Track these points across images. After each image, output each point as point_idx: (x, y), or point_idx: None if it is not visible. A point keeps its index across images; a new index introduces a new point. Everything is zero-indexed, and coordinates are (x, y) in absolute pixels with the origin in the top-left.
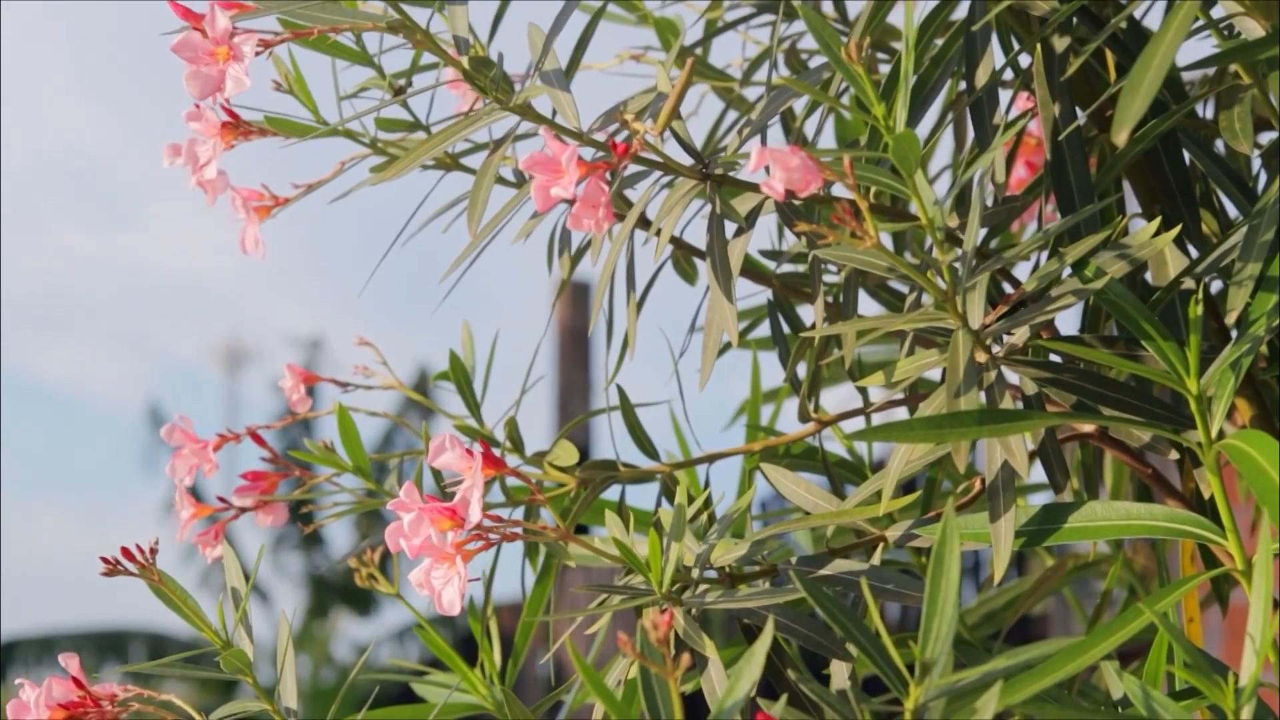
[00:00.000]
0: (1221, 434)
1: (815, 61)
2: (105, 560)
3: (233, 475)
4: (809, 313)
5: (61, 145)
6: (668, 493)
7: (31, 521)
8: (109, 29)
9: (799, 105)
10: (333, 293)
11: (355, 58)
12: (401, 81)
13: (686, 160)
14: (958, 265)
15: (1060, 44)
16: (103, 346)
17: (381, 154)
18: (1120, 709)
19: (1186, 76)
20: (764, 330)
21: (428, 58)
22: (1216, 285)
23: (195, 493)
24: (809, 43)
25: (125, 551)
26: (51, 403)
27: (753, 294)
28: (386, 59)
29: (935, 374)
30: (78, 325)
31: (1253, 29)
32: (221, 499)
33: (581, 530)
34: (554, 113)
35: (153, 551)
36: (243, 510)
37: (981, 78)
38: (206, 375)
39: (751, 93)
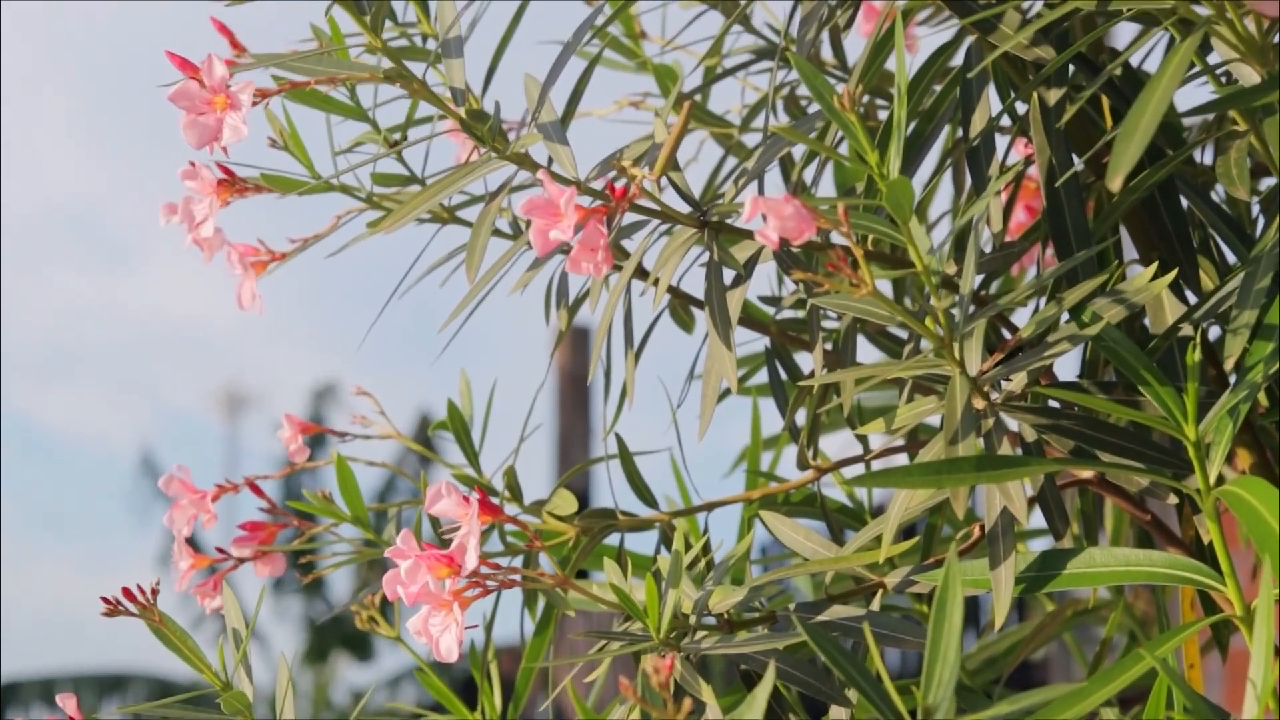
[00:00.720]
0: (1220, 480)
1: (814, 108)
2: (106, 601)
3: (232, 522)
4: (807, 360)
5: (62, 192)
6: (667, 540)
7: (31, 566)
8: (110, 78)
9: (798, 152)
10: (333, 338)
11: (349, 113)
12: (396, 135)
13: (684, 208)
14: (955, 312)
15: (1056, 91)
16: (103, 392)
17: (378, 208)
18: None
19: (1184, 122)
20: (763, 377)
21: (422, 110)
22: (1215, 331)
23: (193, 542)
24: (808, 90)
25: (126, 592)
26: (52, 448)
27: (750, 341)
28: (381, 113)
29: (935, 419)
30: (78, 371)
31: (1249, 75)
32: (220, 550)
33: (581, 575)
34: (550, 161)
35: (153, 593)
36: (241, 561)
37: (978, 125)
38: (207, 421)
39: (751, 139)
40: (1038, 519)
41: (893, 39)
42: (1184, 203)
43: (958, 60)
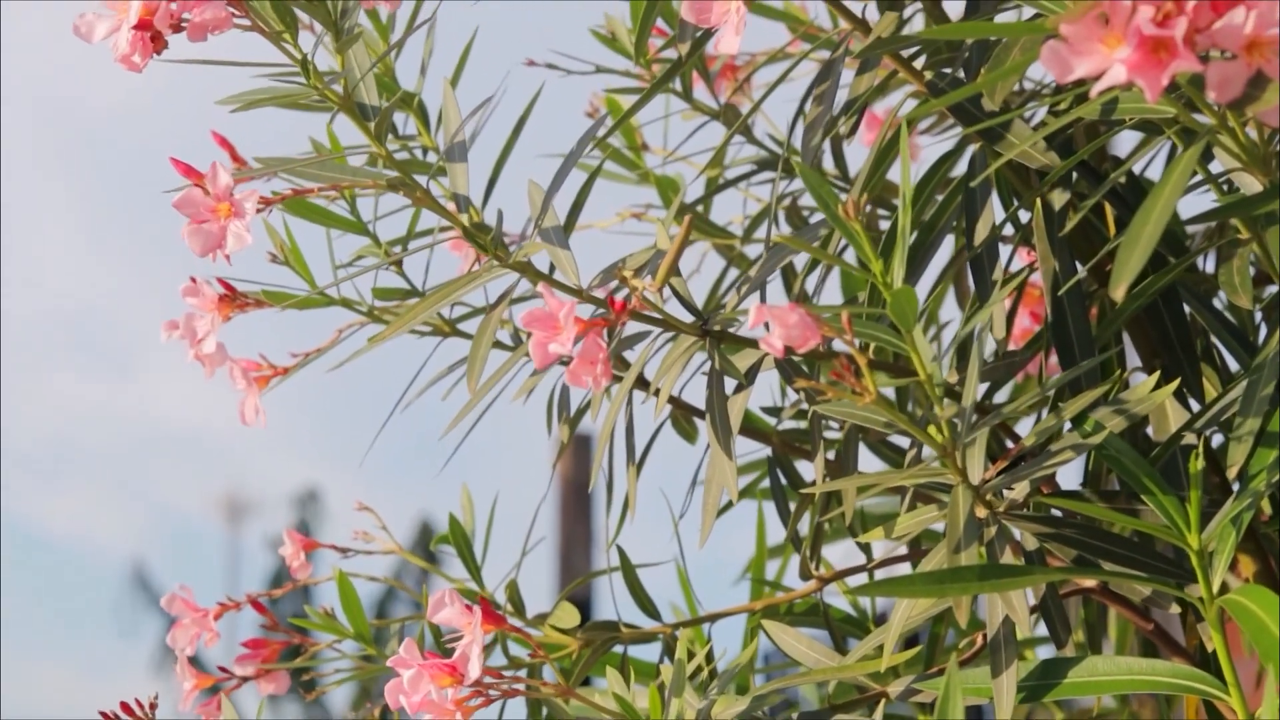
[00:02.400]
0: (1224, 588)
1: (816, 218)
2: (105, 715)
3: (234, 634)
4: (809, 469)
5: (63, 296)
6: (670, 650)
7: (31, 671)
8: (113, 184)
9: (800, 260)
10: (334, 446)
11: (350, 226)
12: (397, 249)
13: (686, 317)
14: (957, 421)
15: (1059, 199)
16: (104, 497)
17: (379, 321)
18: None
19: (1186, 229)
20: (766, 484)
21: (423, 223)
22: (1217, 438)
23: (195, 659)
24: (810, 199)
25: (125, 707)
26: (52, 552)
27: (753, 451)
28: (381, 226)
29: (937, 526)
30: (79, 476)
31: (1251, 184)
32: (223, 669)
33: (584, 682)
34: (552, 269)
35: (152, 706)
36: (244, 679)
37: (981, 233)
38: (207, 527)
39: (753, 250)
40: (1041, 627)
41: (895, 148)
42: (1186, 310)
43: (960, 169)
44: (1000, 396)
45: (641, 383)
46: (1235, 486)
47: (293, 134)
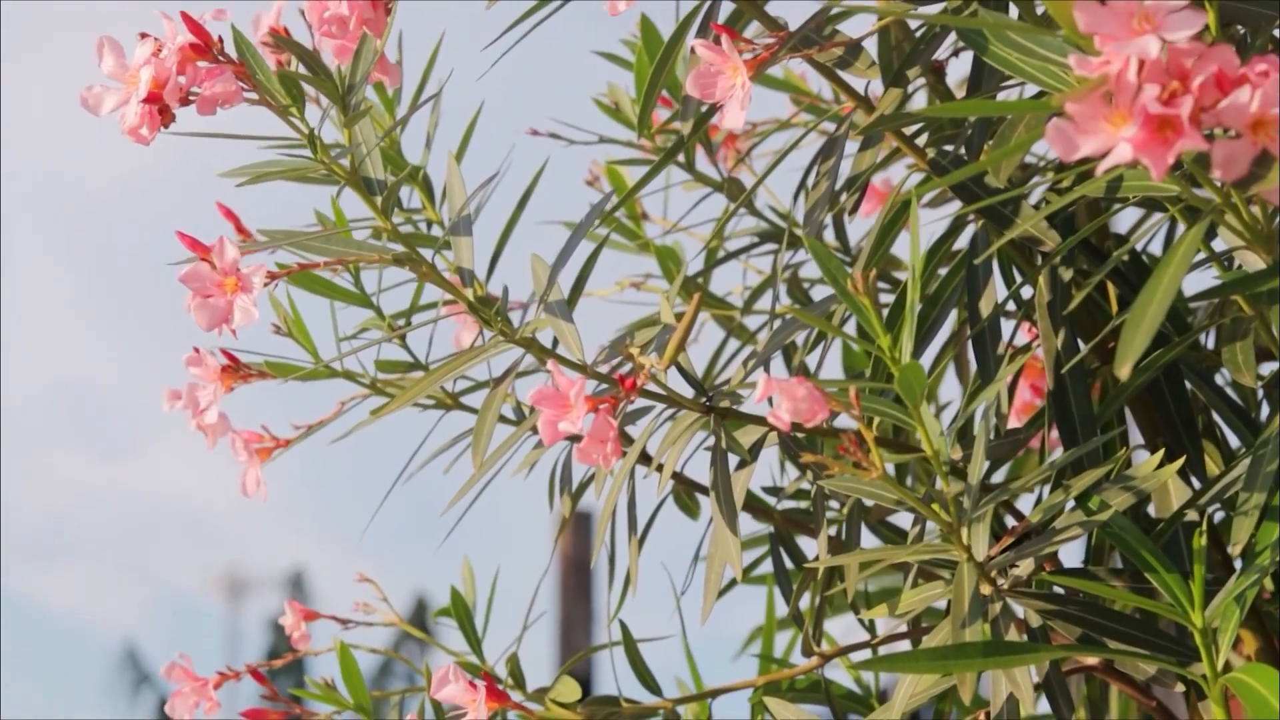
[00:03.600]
0: (1228, 666)
1: (817, 290)
2: None
3: (233, 708)
4: (811, 545)
5: (63, 374)
6: None
7: None
8: (114, 262)
9: (801, 336)
10: (333, 524)
11: (354, 299)
12: (401, 322)
13: (688, 390)
14: (963, 498)
15: (1062, 276)
16: (103, 575)
17: (381, 394)
18: None
19: (1190, 305)
20: (767, 566)
21: (426, 296)
22: (1219, 515)
23: None
24: (810, 270)
25: None
26: (52, 631)
27: (753, 530)
28: (385, 299)
29: (938, 604)
30: (79, 554)
31: (1254, 261)
32: None
33: None
34: (555, 343)
35: None
36: None
37: (984, 309)
38: (207, 605)
39: (753, 321)
40: (1044, 704)
41: (899, 222)
42: (1189, 386)
43: (961, 242)
44: (999, 472)
45: (644, 457)
46: (1238, 564)
47: (298, 205)
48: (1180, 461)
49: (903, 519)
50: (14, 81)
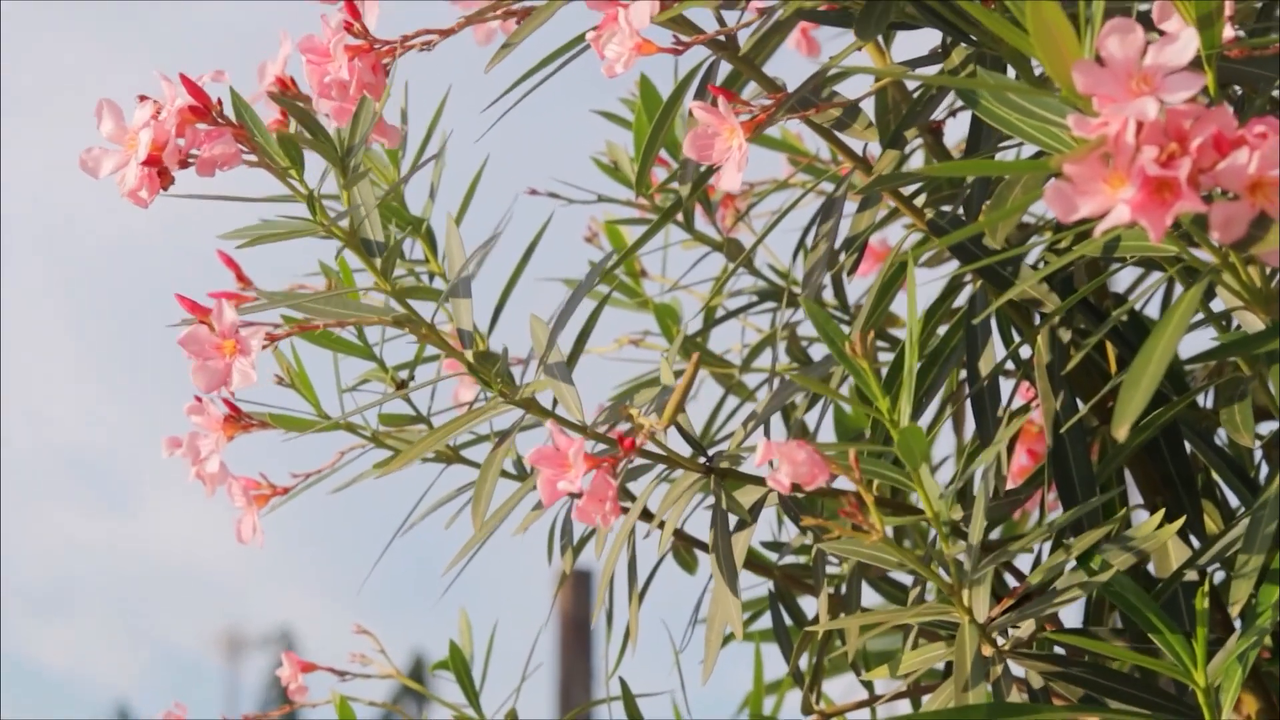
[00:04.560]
0: None
1: (816, 348)
2: None
3: None
4: (811, 603)
5: (63, 431)
6: None
7: None
8: (114, 316)
9: (799, 395)
10: (332, 580)
11: (357, 352)
12: (403, 375)
13: (688, 451)
14: (963, 559)
15: (1061, 336)
16: (102, 632)
17: (382, 446)
18: None
19: (1187, 367)
20: (766, 620)
21: (429, 349)
22: (1220, 575)
23: None
24: (809, 329)
25: None
26: (52, 688)
27: (755, 585)
28: (387, 349)
29: (937, 664)
30: (78, 610)
31: (1252, 322)
32: None
33: None
34: (555, 403)
35: None
36: None
37: (983, 369)
38: (205, 662)
39: (751, 378)
40: None
41: (897, 282)
42: (1188, 447)
43: (959, 301)
44: (995, 531)
45: (645, 514)
46: (1238, 623)
47: (303, 255)
48: (1180, 522)
49: (905, 574)
50: (16, 137)
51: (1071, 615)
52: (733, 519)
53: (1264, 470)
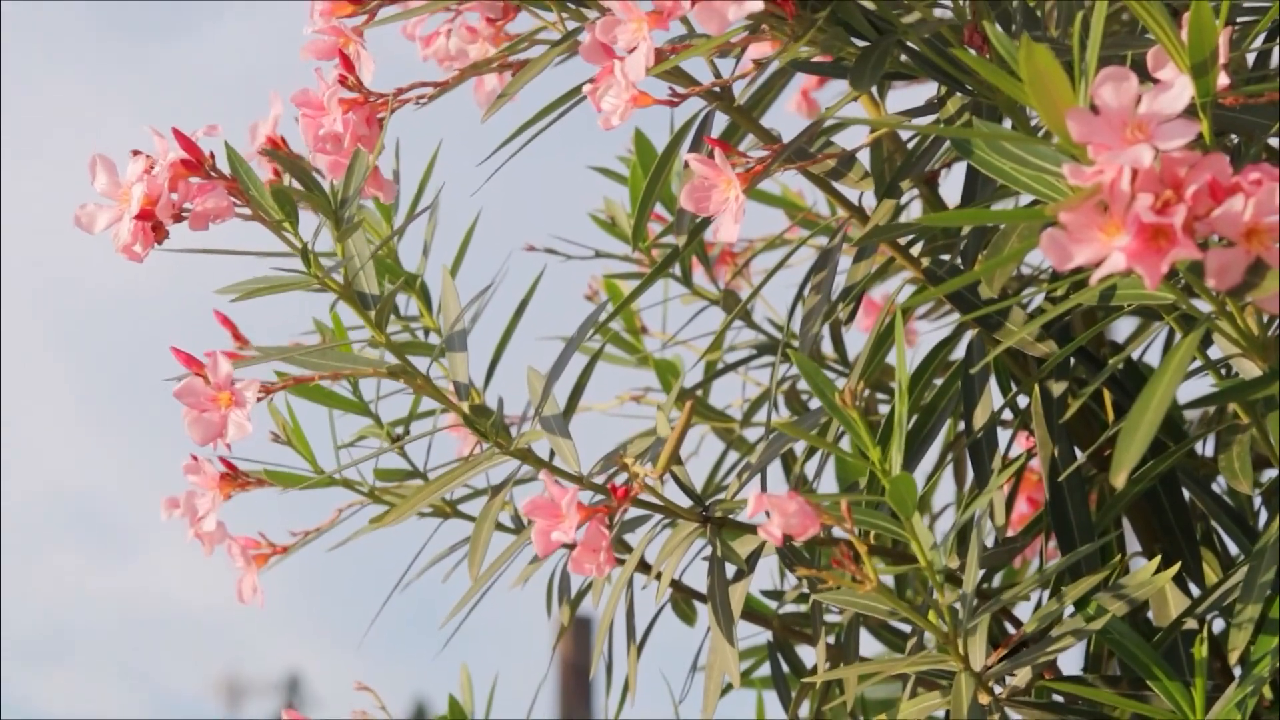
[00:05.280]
0: None
1: (815, 402)
2: None
3: None
4: (811, 653)
5: (62, 477)
6: None
7: None
8: (112, 365)
9: (799, 447)
10: (332, 627)
11: (352, 408)
12: (399, 430)
13: (686, 502)
14: (958, 606)
15: (1058, 384)
16: (103, 679)
17: (379, 502)
18: None
19: (1185, 415)
20: (766, 669)
21: (424, 404)
22: (1218, 623)
23: None
24: (810, 387)
25: None
26: None
27: (754, 635)
28: (383, 405)
29: (938, 713)
30: (78, 658)
31: (1250, 369)
32: None
33: None
34: (553, 455)
35: None
36: None
37: (980, 419)
38: (206, 709)
39: (752, 433)
40: None
41: (893, 334)
42: (1186, 495)
43: (959, 353)
44: (996, 579)
45: (643, 565)
46: (1237, 672)
47: (298, 310)
48: (1176, 567)
49: (905, 622)
50: (15, 181)
51: (1072, 663)
52: (731, 569)
53: (1263, 518)
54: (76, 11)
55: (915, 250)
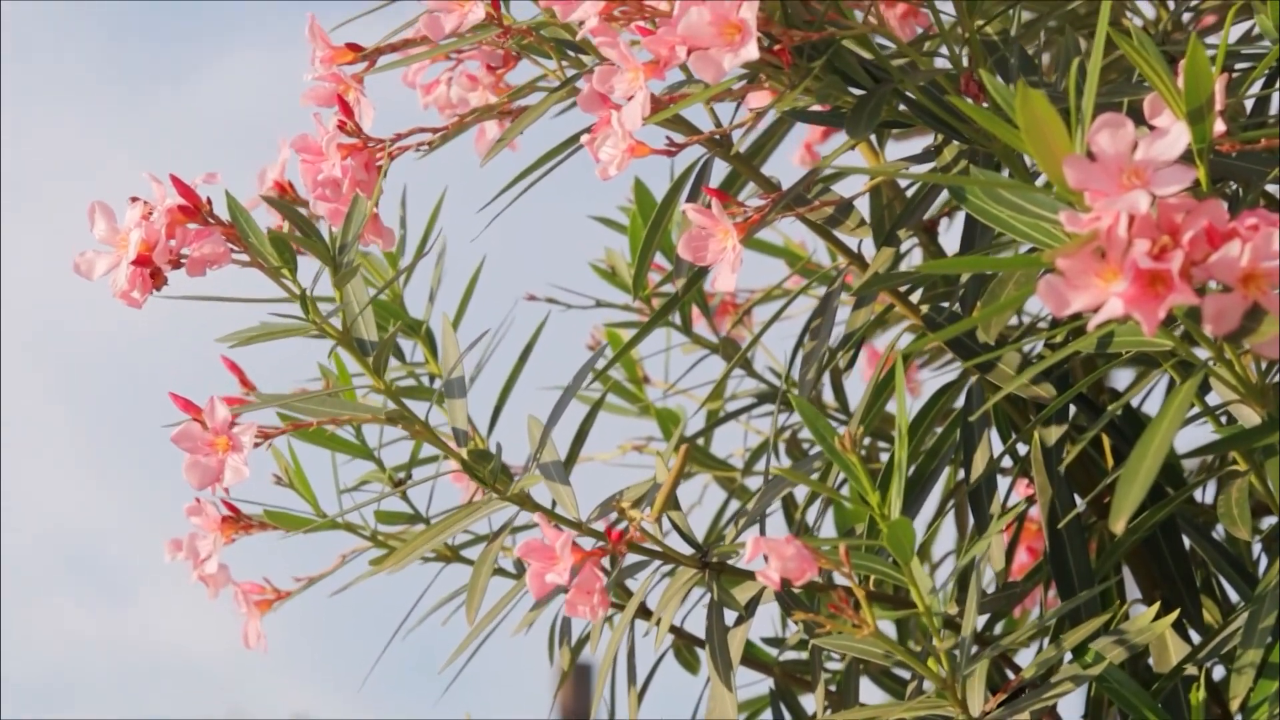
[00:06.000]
0: None
1: (816, 450)
2: None
3: None
4: (812, 701)
5: (62, 523)
6: None
7: None
8: (113, 409)
9: (800, 493)
10: (334, 671)
11: (355, 451)
12: (401, 474)
13: (686, 549)
14: (957, 652)
15: (1057, 431)
16: None
17: (382, 546)
18: None
19: (1185, 462)
20: (768, 716)
21: (427, 449)
22: (1219, 670)
23: None
24: (809, 432)
25: None
26: None
27: (754, 682)
28: (387, 453)
29: None
30: (79, 704)
31: (1249, 416)
32: None
33: None
34: (554, 503)
35: None
36: None
37: (979, 466)
38: None
39: (754, 482)
40: None
41: (894, 381)
42: (1186, 542)
43: (960, 401)
44: (998, 626)
45: (643, 612)
46: (1237, 718)
47: (301, 356)
48: (1176, 614)
49: (905, 669)
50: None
51: (1072, 710)
52: (730, 614)
53: (1263, 564)
54: (75, 59)
55: (915, 298)
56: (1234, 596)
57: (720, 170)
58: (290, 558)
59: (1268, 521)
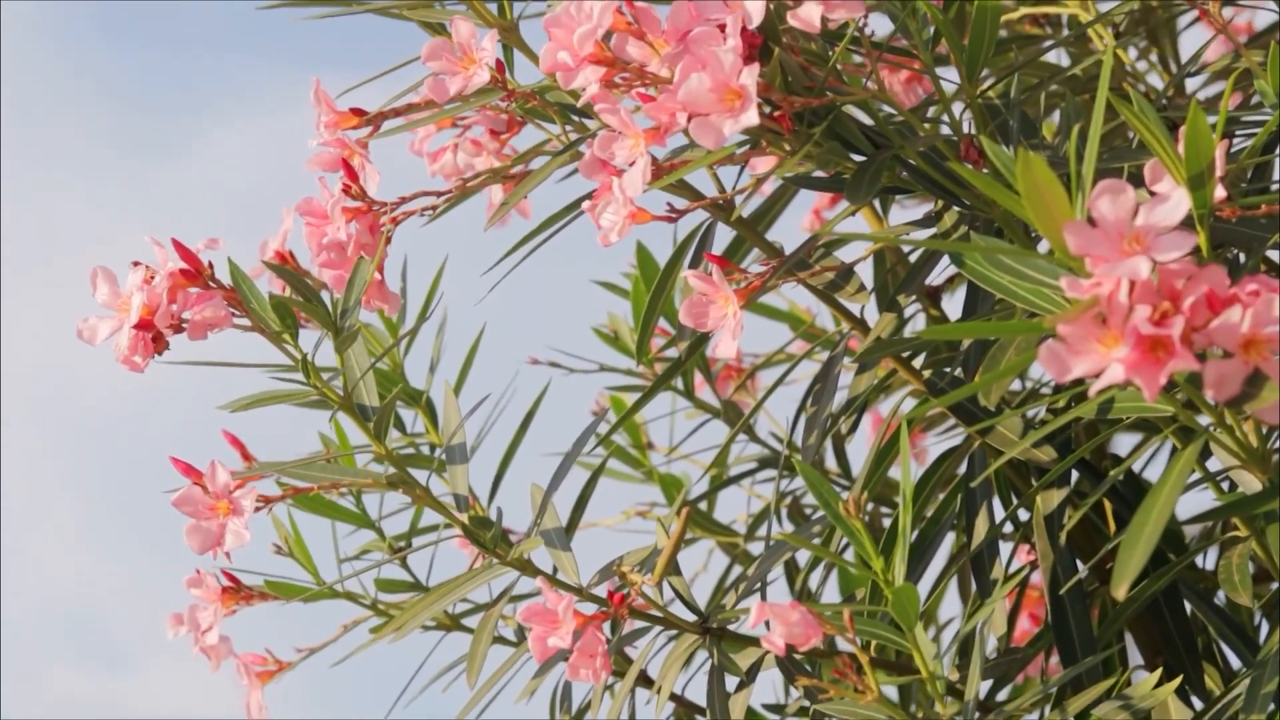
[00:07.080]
0: None
1: (818, 515)
2: None
3: None
4: None
5: (62, 591)
6: None
7: None
8: (112, 475)
9: (802, 557)
10: None
11: (355, 520)
12: (401, 543)
13: (688, 615)
14: (960, 718)
15: (1059, 497)
16: None
17: (383, 615)
18: None
19: (1186, 529)
20: None
21: (427, 518)
22: None
23: None
24: (812, 497)
25: None
26: None
27: None
28: (389, 524)
29: None
30: None
31: (1250, 481)
32: None
33: None
34: (555, 570)
35: None
36: None
37: (981, 531)
38: None
39: (757, 547)
40: None
41: (896, 446)
42: (1188, 607)
43: (962, 467)
44: (1002, 692)
45: (644, 679)
46: None
47: (301, 422)
48: (1178, 680)
49: None
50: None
51: None
52: (731, 680)
53: (1264, 630)
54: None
55: (917, 363)
56: (1236, 663)
57: (724, 235)
58: (290, 625)
59: (1269, 587)
